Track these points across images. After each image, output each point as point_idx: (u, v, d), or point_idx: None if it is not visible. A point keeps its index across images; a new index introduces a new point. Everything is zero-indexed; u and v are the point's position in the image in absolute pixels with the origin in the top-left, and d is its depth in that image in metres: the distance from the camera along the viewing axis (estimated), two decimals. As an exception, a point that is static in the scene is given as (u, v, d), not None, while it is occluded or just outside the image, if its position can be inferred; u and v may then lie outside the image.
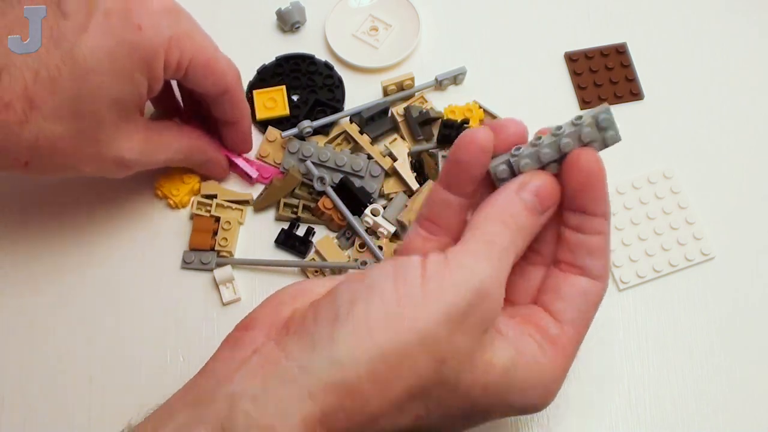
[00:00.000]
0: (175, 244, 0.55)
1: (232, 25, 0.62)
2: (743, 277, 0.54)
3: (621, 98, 0.59)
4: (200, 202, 0.55)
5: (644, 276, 0.53)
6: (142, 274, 0.54)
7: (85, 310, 0.53)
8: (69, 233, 0.56)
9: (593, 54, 0.61)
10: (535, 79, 0.60)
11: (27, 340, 0.53)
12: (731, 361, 0.52)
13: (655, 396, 0.51)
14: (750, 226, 0.55)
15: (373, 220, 0.54)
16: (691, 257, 0.54)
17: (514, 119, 0.39)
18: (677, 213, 0.55)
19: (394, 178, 0.56)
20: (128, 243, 0.55)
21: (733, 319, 0.53)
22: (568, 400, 0.51)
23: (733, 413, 0.50)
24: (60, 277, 0.54)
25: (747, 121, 0.59)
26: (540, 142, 0.37)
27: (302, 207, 0.55)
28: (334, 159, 0.55)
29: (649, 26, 0.62)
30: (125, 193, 0.57)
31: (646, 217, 0.55)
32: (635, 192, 0.56)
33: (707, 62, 0.61)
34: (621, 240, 0.54)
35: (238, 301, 0.54)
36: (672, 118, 0.59)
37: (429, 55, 0.61)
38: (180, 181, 0.56)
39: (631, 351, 0.52)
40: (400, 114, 0.58)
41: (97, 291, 0.54)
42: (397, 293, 0.34)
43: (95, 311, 0.53)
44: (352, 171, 0.55)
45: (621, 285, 0.53)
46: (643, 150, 0.58)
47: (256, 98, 0.59)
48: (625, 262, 0.54)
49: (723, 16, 0.63)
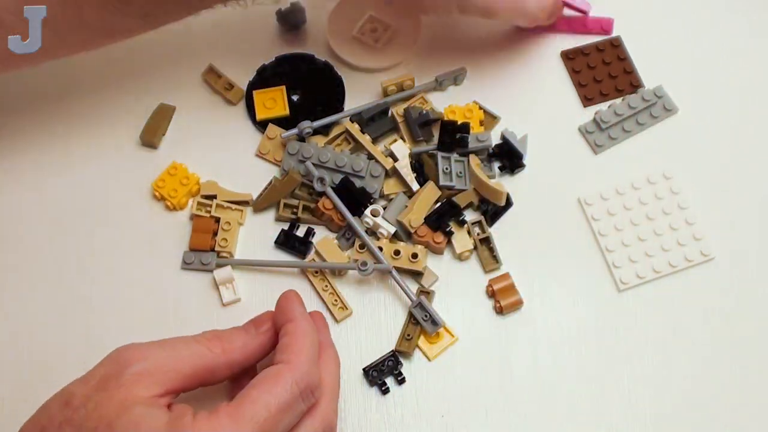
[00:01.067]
0: (175, 244, 0.55)
1: (232, 25, 0.62)
2: (743, 277, 0.54)
3: (622, 92, 0.59)
4: (200, 203, 0.55)
5: (644, 277, 0.53)
6: (142, 275, 0.54)
7: (86, 311, 0.53)
8: (68, 235, 0.56)
9: (589, 50, 0.61)
10: (534, 79, 0.60)
11: (27, 341, 0.53)
12: (731, 362, 0.52)
13: (655, 396, 0.51)
14: (750, 226, 0.55)
15: (373, 221, 0.54)
16: (691, 258, 0.54)
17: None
18: (677, 213, 0.55)
19: (394, 178, 0.56)
20: (128, 244, 0.55)
21: (733, 319, 0.53)
22: (568, 400, 0.51)
23: (733, 413, 0.51)
24: (60, 279, 0.54)
25: (748, 120, 0.59)
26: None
27: (302, 208, 0.55)
28: (334, 159, 0.55)
29: (641, 18, 0.62)
30: (124, 194, 0.57)
31: (646, 217, 0.55)
32: (635, 192, 0.56)
33: (706, 57, 0.61)
34: (621, 241, 0.54)
35: (238, 302, 0.54)
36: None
37: (429, 55, 0.61)
38: (178, 183, 0.56)
39: (630, 351, 0.52)
40: (400, 115, 0.57)
41: (97, 292, 0.54)
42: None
43: (95, 312, 0.54)
44: (353, 171, 0.55)
45: (621, 286, 0.53)
46: (643, 149, 0.58)
47: (256, 98, 0.59)
48: (625, 263, 0.54)
49: (718, 8, 0.63)
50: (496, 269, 0.54)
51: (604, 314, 0.53)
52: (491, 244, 0.54)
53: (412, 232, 0.54)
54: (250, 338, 0.44)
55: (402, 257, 0.53)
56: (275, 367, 0.42)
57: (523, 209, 0.56)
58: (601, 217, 0.55)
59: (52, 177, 0.58)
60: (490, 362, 0.52)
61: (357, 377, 0.52)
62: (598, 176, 0.57)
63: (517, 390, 0.51)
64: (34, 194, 0.57)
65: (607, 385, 0.51)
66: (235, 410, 0.39)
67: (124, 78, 0.61)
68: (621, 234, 0.55)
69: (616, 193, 0.56)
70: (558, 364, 0.52)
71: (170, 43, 0.61)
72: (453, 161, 0.55)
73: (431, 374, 0.52)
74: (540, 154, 0.57)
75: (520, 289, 0.53)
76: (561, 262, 0.55)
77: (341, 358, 0.52)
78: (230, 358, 0.43)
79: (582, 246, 0.55)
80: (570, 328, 0.53)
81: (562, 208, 0.56)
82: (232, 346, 0.43)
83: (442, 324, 0.52)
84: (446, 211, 0.54)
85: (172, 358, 0.41)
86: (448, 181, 0.54)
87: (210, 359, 0.42)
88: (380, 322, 0.53)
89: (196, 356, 0.42)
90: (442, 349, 0.52)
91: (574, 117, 0.59)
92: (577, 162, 0.57)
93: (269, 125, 0.58)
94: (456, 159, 0.55)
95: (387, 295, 0.54)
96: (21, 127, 0.59)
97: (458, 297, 0.54)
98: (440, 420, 0.51)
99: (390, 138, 0.58)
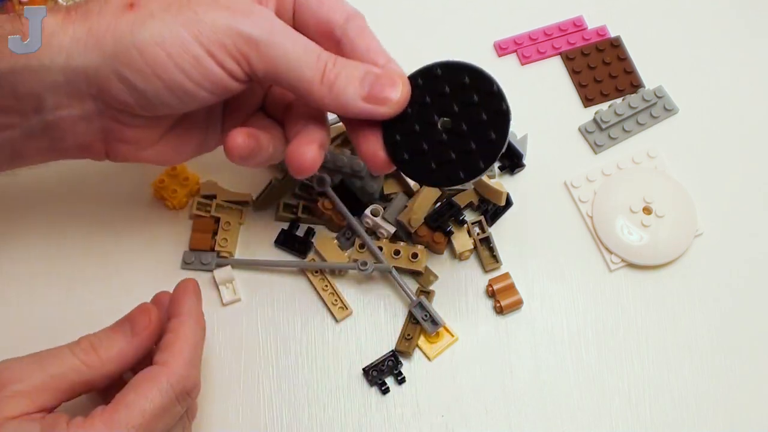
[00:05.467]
0: (175, 244, 0.55)
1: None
2: (745, 285, 0.54)
3: (622, 92, 0.59)
4: (200, 203, 0.55)
5: (644, 279, 0.54)
6: (142, 275, 0.54)
7: (85, 312, 0.53)
8: (68, 236, 0.56)
9: (589, 50, 0.61)
10: (534, 79, 0.60)
11: (27, 341, 0.53)
12: (732, 360, 0.52)
13: (655, 396, 0.51)
14: (750, 226, 0.56)
15: (373, 221, 0.54)
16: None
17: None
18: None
19: (394, 178, 0.56)
20: (128, 244, 0.55)
21: (733, 315, 0.53)
22: (568, 400, 0.51)
23: (733, 412, 0.51)
24: (60, 279, 0.54)
25: (748, 120, 0.59)
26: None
27: (302, 207, 0.55)
28: (333, 160, 0.55)
29: (641, 18, 0.62)
30: (124, 194, 0.57)
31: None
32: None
33: (706, 57, 0.61)
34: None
35: (238, 302, 0.54)
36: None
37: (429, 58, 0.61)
38: (178, 183, 0.56)
39: (631, 351, 0.52)
40: (400, 114, 0.57)
41: (97, 292, 0.54)
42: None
43: (95, 312, 0.53)
44: (352, 171, 0.55)
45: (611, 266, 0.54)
46: (643, 149, 0.58)
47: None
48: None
49: (718, 8, 0.63)
50: (496, 269, 0.54)
51: (605, 314, 0.53)
52: (491, 244, 0.54)
53: (412, 232, 0.54)
54: (127, 342, 0.44)
55: (402, 257, 0.53)
56: (153, 369, 0.42)
57: (523, 209, 0.56)
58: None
59: (52, 177, 0.58)
60: (490, 362, 0.52)
61: (357, 377, 0.52)
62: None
63: (517, 390, 0.51)
64: (33, 194, 0.57)
65: (607, 385, 0.51)
66: (110, 416, 0.39)
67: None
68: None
69: (601, 174, 0.56)
70: (558, 364, 0.52)
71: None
72: (453, 161, 0.55)
73: (431, 374, 0.52)
74: (540, 154, 0.57)
75: (520, 289, 0.53)
76: (561, 261, 0.55)
77: (341, 358, 0.52)
78: (107, 369, 0.43)
79: (582, 246, 0.55)
80: (570, 328, 0.53)
81: (562, 208, 0.56)
82: (109, 355, 0.43)
83: (442, 324, 0.52)
84: (446, 211, 0.54)
85: (48, 376, 0.41)
86: (448, 181, 0.54)
87: (86, 373, 0.42)
88: (380, 322, 0.53)
89: (72, 372, 0.41)
90: (442, 348, 0.52)
91: (574, 117, 0.59)
92: (577, 162, 0.57)
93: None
94: (456, 159, 0.55)
95: (387, 295, 0.54)
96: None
97: (458, 297, 0.54)
98: (440, 420, 0.51)
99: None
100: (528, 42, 0.61)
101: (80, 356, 0.42)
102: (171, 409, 0.41)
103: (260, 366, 0.52)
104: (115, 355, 0.43)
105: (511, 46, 0.61)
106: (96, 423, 0.39)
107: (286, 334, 0.53)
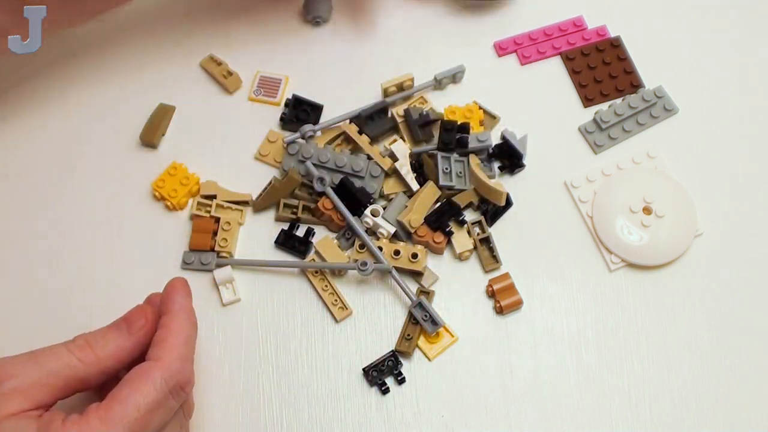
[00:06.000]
0: (175, 244, 0.55)
1: (231, 20, 0.62)
2: (746, 287, 0.54)
3: (622, 92, 0.59)
4: (200, 203, 0.55)
5: (644, 279, 0.54)
6: (142, 275, 0.54)
7: (86, 312, 0.53)
8: (69, 235, 0.56)
9: (589, 50, 0.61)
10: (534, 79, 0.60)
11: (27, 341, 0.53)
12: (732, 360, 0.52)
13: (655, 396, 0.51)
14: (751, 226, 0.55)
15: (373, 221, 0.54)
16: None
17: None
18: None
19: (394, 178, 0.56)
20: (128, 244, 0.55)
21: (733, 315, 0.53)
22: (568, 400, 0.51)
23: (733, 412, 0.51)
24: (60, 279, 0.54)
25: (748, 120, 0.59)
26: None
27: (302, 207, 0.55)
28: (333, 160, 0.55)
29: (641, 18, 0.62)
30: (124, 194, 0.57)
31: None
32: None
33: (706, 57, 0.61)
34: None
35: (238, 302, 0.54)
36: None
37: (428, 56, 0.61)
38: (178, 183, 0.56)
39: (631, 351, 0.52)
40: (400, 115, 0.57)
41: (97, 292, 0.54)
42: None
43: (95, 312, 0.53)
44: (352, 171, 0.55)
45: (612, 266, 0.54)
46: (643, 149, 0.58)
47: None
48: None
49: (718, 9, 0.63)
50: (496, 269, 0.54)
51: (605, 314, 0.53)
52: (491, 244, 0.54)
53: (412, 232, 0.53)
54: (124, 340, 0.44)
55: (402, 257, 0.53)
56: (146, 365, 0.42)
57: (523, 209, 0.56)
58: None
59: (52, 177, 0.58)
60: (490, 362, 0.52)
61: (357, 377, 0.52)
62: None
63: (517, 390, 0.51)
64: (34, 194, 0.57)
65: (607, 385, 0.51)
66: (105, 412, 0.39)
67: (124, 78, 0.61)
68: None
69: (601, 174, 0.56)
70: (558, 364, 0.52)
71: (169, 40, 0.61)
72: (453, 161, 0.55)
73: (431, 374, 0.52)
74: (540, 154, 0.57)
75: (520, 289, 0.53)
76: (561, 261, 0.55)
77: (341, 358, 0.52)
78: (103, 365, 0.43)
79: (582, 246, 0.55)
80: (570, 328, 0.53)
81: (562, 208, 0.56)
82: (105, 353, 0.43)
83: (442, 324, 0.52)
84: (446, 211, 0.54)
85: (44, 373, 0.41)
86: (448, 181, 0.54)
87: (82, 370, 0.42)
88: (380, 322, 0.53)
89: (67, 369, 0.42)
90: (442, 349, 0.52)
91: (574, 117, 0.59)
92: (577, 162, 0.57)
93: (269, 130, 0.58)
94: (456, 159, 0.55)
95: (387, 295, 0.54)
96: (21, 128, 0.59)
97: (458, 297, 0.54)
98: (440, 420, 0.51)
99: (390, 138, 0.58)
100: (528, 42, 0.61)
101: (76, 353, 0.42)
102: (165, 404, 0.41)
103: (260, 366, 0.52)
104: (110, 352, 0.43)
105: (511, 46, 0.61)
106: (91, 419, 0.39)
107: (286, 334, 0.53)
